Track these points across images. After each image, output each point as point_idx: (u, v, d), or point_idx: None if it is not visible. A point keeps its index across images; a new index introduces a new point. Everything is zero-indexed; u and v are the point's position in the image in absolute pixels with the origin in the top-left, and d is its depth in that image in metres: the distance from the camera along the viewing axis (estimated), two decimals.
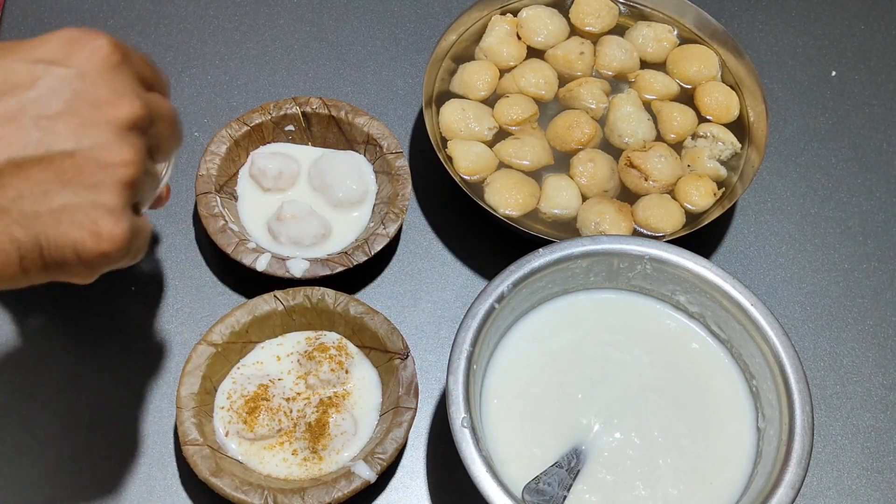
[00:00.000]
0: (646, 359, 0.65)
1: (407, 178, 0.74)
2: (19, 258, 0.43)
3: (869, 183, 0.84)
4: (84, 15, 0.88)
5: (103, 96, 0.44)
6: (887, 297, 0.77)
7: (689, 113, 0.80)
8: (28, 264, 0.44)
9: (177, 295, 0.73)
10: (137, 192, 0.46)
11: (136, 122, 0.45)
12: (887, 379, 0.74)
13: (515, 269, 0.63)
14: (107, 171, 0.44)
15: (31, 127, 0.42)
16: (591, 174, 0.75)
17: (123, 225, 0.45)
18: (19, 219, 0.43)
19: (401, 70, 0.87)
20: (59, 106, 0.43)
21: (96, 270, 0.46)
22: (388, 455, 0.62)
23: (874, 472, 0.70)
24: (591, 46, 0.83)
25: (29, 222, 0.43)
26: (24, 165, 0.42)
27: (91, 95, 0.44)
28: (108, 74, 0.45)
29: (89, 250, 0.44)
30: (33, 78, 0.43)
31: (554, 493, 0.59)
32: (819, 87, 0.89)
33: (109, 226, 0.44)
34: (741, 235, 0.80)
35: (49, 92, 0.43)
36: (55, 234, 0.43)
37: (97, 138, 0.44)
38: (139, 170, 0.45)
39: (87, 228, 0.44)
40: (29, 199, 0.43)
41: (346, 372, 0.67)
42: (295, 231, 0.72)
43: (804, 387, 0.60)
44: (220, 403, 0.66)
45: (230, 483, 0.60)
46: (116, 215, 0.44)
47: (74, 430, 0.67)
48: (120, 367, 0.70)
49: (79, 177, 0.43)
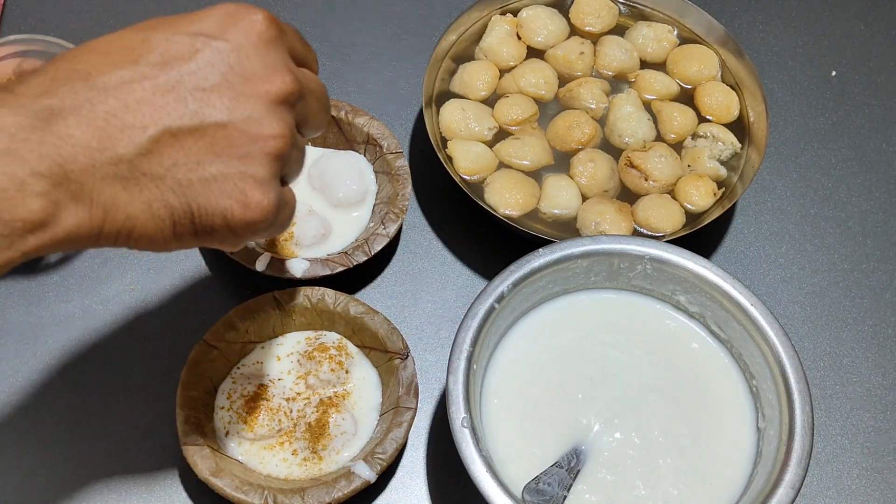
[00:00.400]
0: (646, 359, 0.65)
1: (407, 178, 0.74)
2: (173, 224, 0.45)
3: (869, 183, 0.84)
4: (84, 15, 0.88)
5: (257, 71, 0.46)
6: (887, 297, 0.77)
7: (689, 113, 0.80)
8: (180, 230, 0.45)
9: (177, 295, 0.73)
10: (285, 165, 0.48)
11: (286, 97, 0.47)
12: (887, 379, 0.74)
13: (515, 269, 0.63)
14: (257, 143, 0.45)
15: (189, 98, 0.44)
16: (591, 174, 0.75)
17: (271, 195, 0.46)
18: (174, 186, 0.44)
19: (401, 70, 0.87)
20: (214, 79, 0.45)
21: (243, 238, 0.47)
22: (388, 455, 0.62)
23: (874, 472, 0.70)
24: (591, 46, 0.83)
25: (182, 190, 0.44)
26: (179, 135, 0.44)
27: (245, 70, 0.45)
28: (262, 49, 0.46)
29: (237, 219, 0.46)
30: (192, 51, 0.45)
31: (554, 493, 0.59)
32: (819, 87, 0.89)
33: (258, 196, 0.46)
34: (741, 235, 0.80)
35: (206, 65, 0.45)
36: (206, 202, 0.45)
37: (249, 111, 0.45)
38: (288, 143, 0.47)
39: (236, 198, 0.45)
40: (183, 168, 0.44)
41: (346, 372, 0.67)
42: (295, 231, 0.72)
43: (804, 387, 0.60)
44: (220, 403, 0.66)
45: (230, 483, 0.60)
46: (265, 186, 0.46)
47: (74, 430, 0.67)
48: (120, 367, 0.70)
49: (230, 148, 0.45)
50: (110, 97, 0.43)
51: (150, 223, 0.45)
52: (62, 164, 0.41)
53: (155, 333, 0.71)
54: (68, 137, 0.42)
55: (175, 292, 0.73)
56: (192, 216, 0.45)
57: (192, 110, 0.44)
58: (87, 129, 0.42)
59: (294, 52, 0.49)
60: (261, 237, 0.49)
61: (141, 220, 0.44)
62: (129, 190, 0.43)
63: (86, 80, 0.43)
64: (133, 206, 0.44)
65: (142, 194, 0.44)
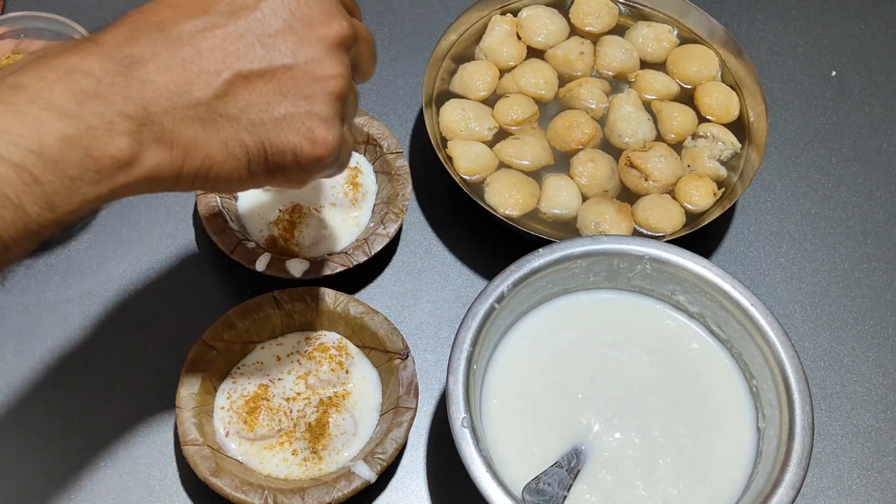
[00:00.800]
0: (646, 359, 0.65)
1: (407, 178, 0.74)
2: (248, 161, 0.48)
3: (869, 183, 0.84)
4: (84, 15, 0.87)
5: (316, 16, 0.49)
6: (887, 297, 0.77)
7: (689, 113, 0.80)
8: (255, 167, 0.49)
9: (177, 295, 0.73)
10: (344, 105, 0.51)
11: (343, 41, 0.50)
12: (887, 379, 0.74)
13: (515, 269, 0.63)
14: (320, 83, 0.49)
15: (256, 44, 0.47)
16: (591, 174, 0.75)
17: (335, 132, 0.50)
18: (247, 126, 0.47)
19: (401, 70, 0.87)
20: (278, 25, 0.48)
21: (310, 174, 0.50)
22: (388, 455, 0.62)
23: (874, 472, 0.70)
24: (591, 46, 0.83)
25: (255, 129, 0.48)
26: (251, 78, 0.47)
27: (305, 15, 0.49)
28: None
29: (306, 154, 0.49)
30: (258, 0, 0.48)
31: (554, 493, 0.59)
32: (819, 87, 0.89)
33: (323, 132, 0.49)
34: (741, 235, 0.80)
35: (270, 12, 0.48)
36: (277, 139, 0.48)
37: (311, 54, 0.49)
38: (346, 83, 0.50)
39: (304, 135, 0.49)
40: (255, 109, 0.47)
41: (346, 372, 0.67)
42: (295, 231, 0.72)
43: (804, 387, 0.60)
44: (220, 403, 0.66)
45: (230, 483, 0.60)
46: (329, 123, 0.49)
47: (74, 430, 0.67)
48: (120, 367, 0.70)
49: (296, 89, 0.48)
50: (185, 45, 0.46)
51: (227, 162, 0.48)
52: (145, 106, 0.44)
53: (155, 333, 0.71)
54: (150, 82, 0.45)
55: (175, 292, 0.73)
56: (265, 153, 0.48)
57: (260, 55, 0.47)
58: (167, 74, 0.45)
59: (345, 3, 0.53)
60: (326, 174, 0.52)
61: (218, 158, 0.47)
62: (207, 131, 0.47)
63: (162, 31, 0.46)
64: (211, 145, 0.47)
65: (219, 134, 0.47)
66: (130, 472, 0.66)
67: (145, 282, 0.74)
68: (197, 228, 0.76)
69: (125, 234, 0.76)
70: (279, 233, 0.72)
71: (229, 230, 0.71)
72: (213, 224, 0.71)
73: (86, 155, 0.43)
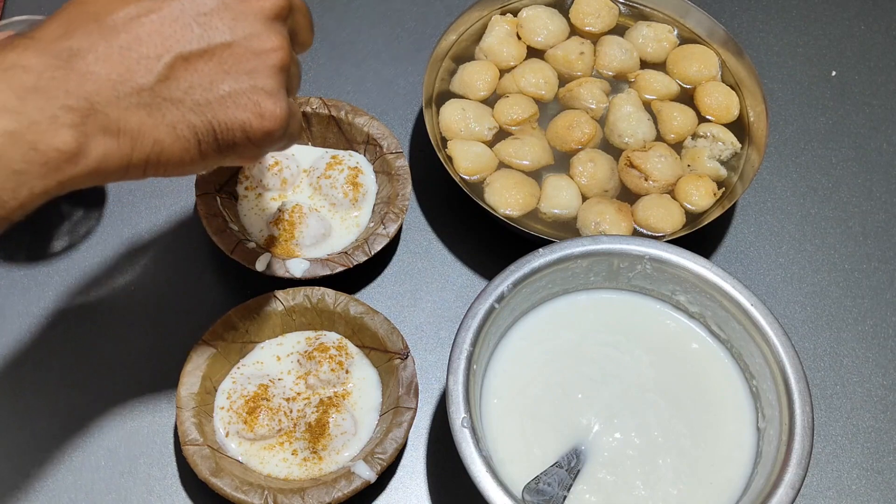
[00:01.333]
0: (646, 359, 0.65)
1: (407, 178, 0.74)
2: (197, 142, 0.48)
3: (869, 183, 0.84)
4: None
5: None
6: (887, 297, 0.77)
7: (689, 113, 0.80)
8: (205, 147, 0.49)
9: (177, 295, 0.73)
10: (288, 76, 0.51)
11: (279, 12, 0.50)
12: (887, 379, 0.74)
13: (515, 269, 0.63)
14: (261, 57, 0.49)
15: (193, 24, 0.48)
16: (591, 174, 0.75)
17: (282, 104, 0.50)
18: (193, 107, 0.48)
19: (401, 70, 0.87)
20: (212, 3, 0.48)
21: (262, 149, 0.51)
22: (388, 455, 0.62)
23: (874, 472, 0.70)
24: (591, 46, 0.83)
25: (201, 109, 0.48)
26: (191, 59, 0.47)
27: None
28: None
29: (255, 129, 0.49)
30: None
31: (554, 493, 0.59)
32: (819, 87, 0.89)
33: (270, 105, 0.49)
34: (741, 235, 0.80)
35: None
36: (225, 117, 0.48)
37: (249, 29, 0.49)
38: (287, 54, 0.50)
39: (251, 110, 0.49)
40: (199, 89, 0.48)
41: (346, 372, 0.67)
42: (295, 231, 0.72)
43: (804, 387, 0.60)
44: (220, 403, 0.66)
45: (230, 483, 0.60)
46: (275, 96, 0.50)
47: (74, 430, 0.67)
48: (120, 367, 0.70)
49: (238, 65, 0.49)
50: (122, 33, 0.46)
51: (176, 145, 0.48)
52: (88, 97, 0.45)
53: (155, 333, 0.71)
54: (90, 74, 0.45)
55: (175, 292, 0.73)
56: (214, 132, 0.48)
57: (198, 35, 0.48)
58: (106, 64, 0.46)
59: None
60: (277, 147, 0.52)
61: (167, 142, 0.47)
62: (153, 116, 0.47)
63: (97, 21, 0.46)
64: (158, 130, 0.47)
65: (165, 118, 0.47)
66: (130, 472, 0.66)
67: (145, 282, 0.74)
68: (197, 228, 0.76)
69: (126, 235, 0.76)
70: (279, 233, 0.72)
71: (229, 230, 0.71)
72: (213, 224, 0.71)
73: (31, 149, 0.43)
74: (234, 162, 0.51)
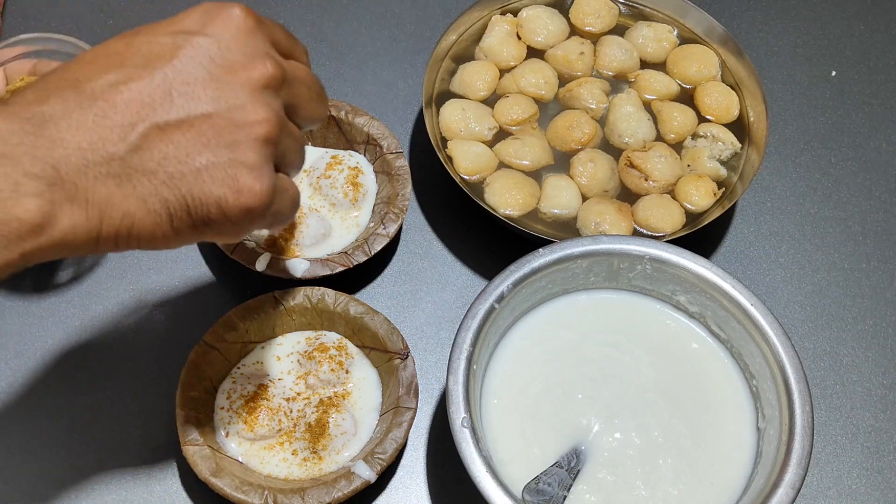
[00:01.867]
0: (646, 359, 0.65)
1: (407, 178, 0.74)
2: (169, 217, 0.46)
3: (869, 183, 0.84)
4: (84, 16, 0.88)
5: (238, 60, 0.47)
6: (887, 297, 0.77)
7: (689, 113, 0.80)
8: (178, 223, 0.46)
9: (177, 295, 0.73)
10: (277, 150, 0.48)
11: (268, 82, 0.47)
12: (887, 379, 0.74)
13: (515, 269, 0.63)
14: (244, 129, 0.46)
15: (174, 93, 0.45)
16: (591, 174, 0.75)
17: (264, 180, 0.47)
18: (166, 180, 0.45)
19: (401, 70, 0.87)
20: (198, 73, 0.46)
21: (241, 226, 0.48)
22: (388, 455, 0.62)
23: (874, 472, 0.70)
24: (591, 46, 0.83)
25: (175, 182, 0.45)
26: (167, 129, 0.45)
27: (226, 60, 0.47)
28: (242, 39, 0.47)
29: (232, 206, 0.46)
30: (174, 48, 0.46)
31: (554, 493, 0.59)
32: (819, 87, 0.89)
33: (249, 181, 0.46)
34: (741, 235, 0.80)
35: (188, 60, 0.46)
36: (199, 191, 0.45)
37: (234, 100, 0.46)
38: (274, 127, 0.47)
39: (228, 185, 0.46)
40: (173, 161, 0.45)
41: (346, 372, 0.67)
42: (295, 231, 0.72)
43: (804, 387, 0.60)
44: (220, 403, 0.66)
45: (230, 483, 0.60)
46: (256, 171, 0.46)
47: (74, 430, 0.67)
48: (120, 367, 0.70)
49: (218, 137, 0.46)
50: (99, 100, 0.44)
51: (147, 219, 0.45)
52: (55, 165, 0.42)
53: (155, 333, 0.71)
54: (60, 140, 0.43)
55: (175, 292, 0.73)
56: (187, 208, 0.46)
57: (178, 105, 0.45)
58: (78, 131, 0.43)
59: (278, 44, 0.50)
60: (260, 225, 0.49)
61: (138, 216, 0.45)
62: (123, 187, 0.44)
63: (75, 88, 0.44)
64: (128, 202, 0.44)
65: (135, 190, 0.45)
66: (130, 472, 0.66)
67: (145, 282, 0.74)
68: None
69: None
70: (279, 233, 0.72)
71: None
72: None
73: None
74: (214, 239, 0.49)
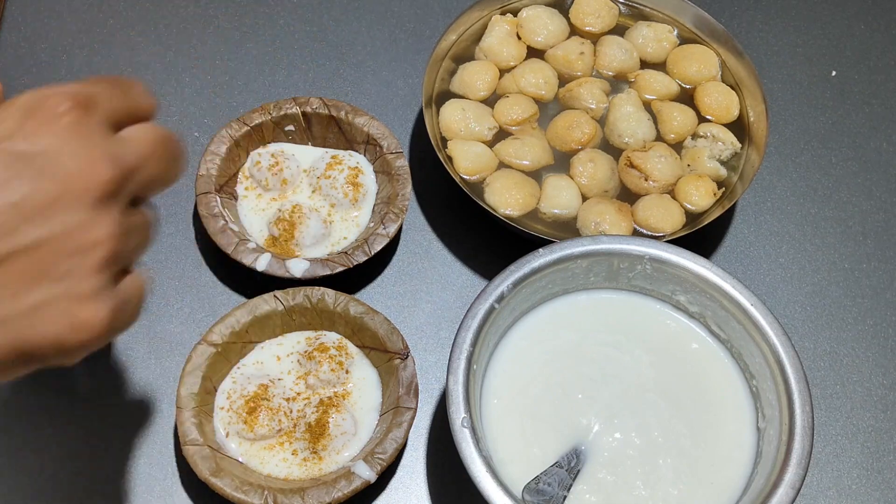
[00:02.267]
0: (646, 359, 0.65)
1: (407, 178, 0.74)
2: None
3: (869, 183, 0.84)
4: (84, 16, 0.88)
5: (70, 168, 0.40)
6: (887, 297, 0.77)
7: (689, 113, 0.80)
8: (8, 366, 0.41)
9: (177, 295, 0.73)
10: (119, 261, 0.43)
11: (107, 189, 0.41)
12: (887, 379, 0.74)
13: (515, 269, 0.63)
14: (80, 255, 0.41)
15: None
16: (591, 174, 0.75)
17: (104, 308, 0.42)
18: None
19: (401, 70, 0.87)
20: (22, 191, 0.39)
21: (81, 355, 0.43)
22: (388, 455, 0.62)
23: (874, 472, 0.70)
24: (591, 46, 0.83)
25: (3, 327, 0.40)
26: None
27: (56, 170, 0.40)
28: (71, 140, 0.41)
29: (70, 343, 0.41)
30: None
31: (554, 493, 0.59)
32: (819, 87, 0.89)
33: (89, 315, 0.41)
34: (741, 235, 0.80)
35: (9, 177, 0.39)
36: (32, 334, 0.40)
37: (68, 219, 0.40)
38: (116, 243, 0.42)
39: (64, 323, 0.41)
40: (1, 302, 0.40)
41: (346, 372, 0.67)
42: (295, 231, 0.72)
43: (804, 387, 0.60)
44: (220, 403, 0.66)
45: (230, 483, 0.60)
46: (94, 300, 0.41)
47: (74, 429, 0.67)
48: (120, 367, 0.70)
49: (50, 268, 0.40)
50: None
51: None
52: None
53: (155, 333, 0.71)
54: None
55: (175, 292, 0.73)
56: (19, 352, 0.41)
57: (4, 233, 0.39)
58: None
59: (116, 117, 0.43)
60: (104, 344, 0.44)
61: None
62: None
63: None
64: None
65: None
66: (130, 472, 0.66)
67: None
68: (197, 228, 0.76)
69: None
70: (279, 233, 0.72)
71: (229, 230, 0.71)
72: (213, 224, 0.71)
73: None
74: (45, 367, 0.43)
